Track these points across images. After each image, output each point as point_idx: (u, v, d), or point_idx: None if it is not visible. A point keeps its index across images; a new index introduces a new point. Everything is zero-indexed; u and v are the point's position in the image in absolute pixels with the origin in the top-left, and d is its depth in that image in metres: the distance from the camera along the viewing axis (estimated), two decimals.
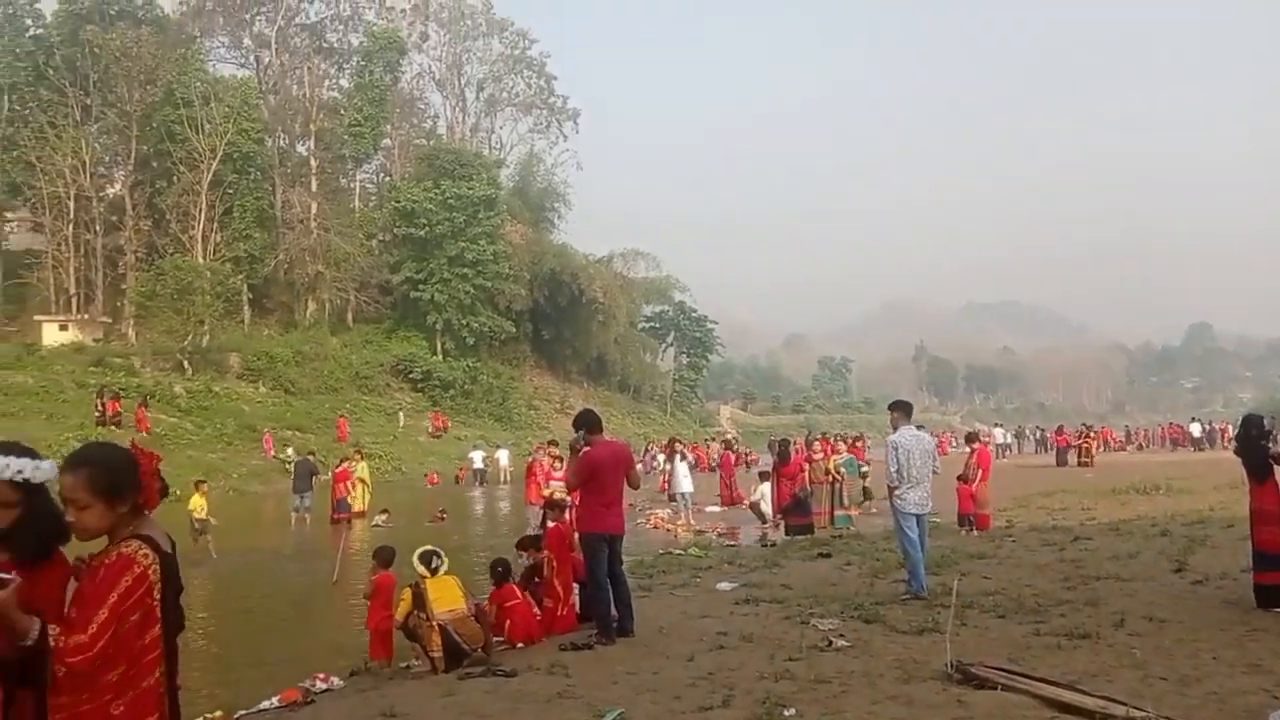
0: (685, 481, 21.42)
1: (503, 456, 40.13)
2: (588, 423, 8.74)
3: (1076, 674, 6.47)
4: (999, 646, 7.46)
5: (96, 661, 2.86)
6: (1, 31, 50.54)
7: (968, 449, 18.48)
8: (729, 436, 53.91)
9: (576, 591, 9.45)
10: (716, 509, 23.40)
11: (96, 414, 34.48)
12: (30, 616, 2.84)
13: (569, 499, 12.63)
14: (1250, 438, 8.87)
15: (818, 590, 10.51)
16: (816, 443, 23.07)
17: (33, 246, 54.70)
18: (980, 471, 16.62)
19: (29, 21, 52.54)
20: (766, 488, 19.35)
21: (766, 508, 19.06)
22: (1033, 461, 42.60)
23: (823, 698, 6.20)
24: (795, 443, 22.67)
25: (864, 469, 23.27)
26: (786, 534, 17.23)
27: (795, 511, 17.58)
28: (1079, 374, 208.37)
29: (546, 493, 15.57)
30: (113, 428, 33.62)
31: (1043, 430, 63.44)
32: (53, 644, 2.82)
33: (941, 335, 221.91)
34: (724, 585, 11.28)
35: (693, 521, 20.27)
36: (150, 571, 2.98)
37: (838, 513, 18.70)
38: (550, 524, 9.87)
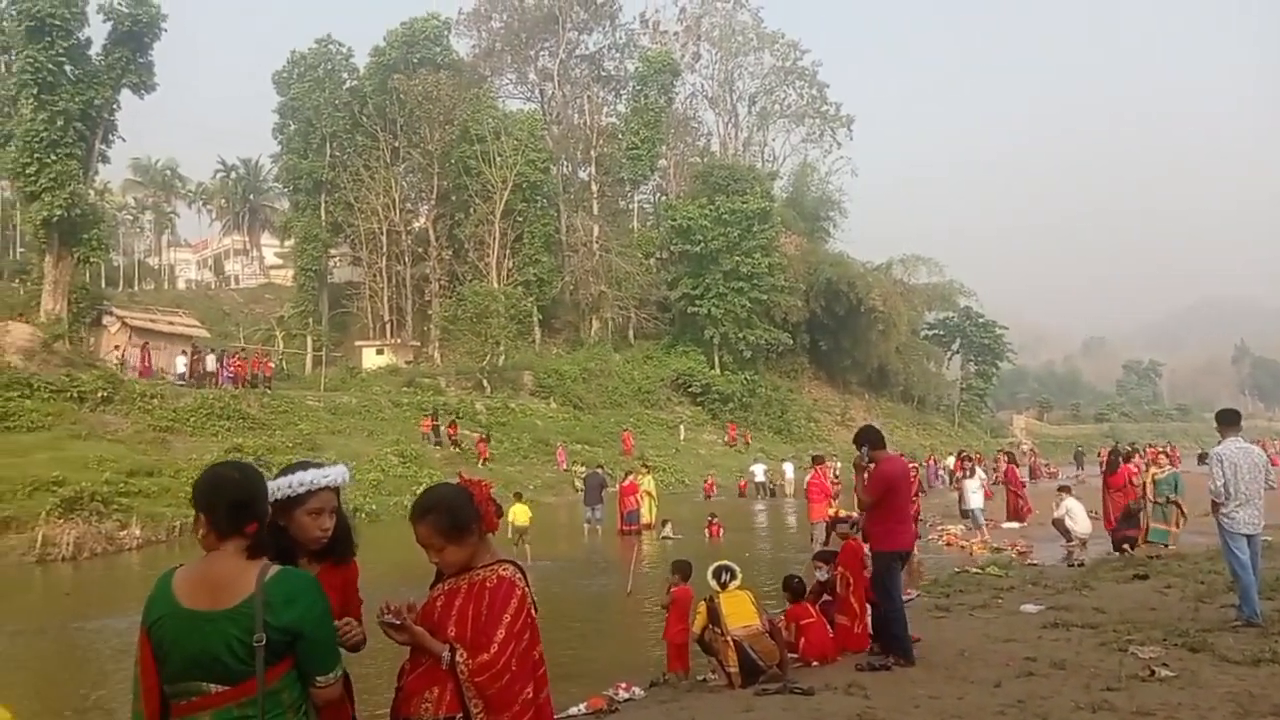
0: (975, 497, 20.48)
1: (788, 469, 39.89)
2: (870, 438, 8.49)
3: None
4: None
5: (502, 678, 3.08)
6: (323, 86, 56.22)
7: None
8: (1025, 447, 51.15)
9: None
10: (1015, 525, 22.17)
11: (433, 439, 37.36)
12: (441, 642, 3.13)
13: (855, 514, 12.43)
14: None
15: (1135, 615, 9.72)
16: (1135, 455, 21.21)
17: (352, 279, 60.67)
18: None
19: (345, 75, 58.20)
20: (1072, 503, 18.12)
21: (1072, 524, 17.85)
22: None
23: None
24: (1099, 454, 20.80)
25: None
26: (1115, 549, 16.24)
27: (1127, 524, 16.48)
28: None
29: (832, 511, 15.34)
30: (451, 448, 36.94)
31: None
32: (461, 666, 3.08)
33: (1267, 334, 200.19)
34: (1029, 607, 10.64)
35: (988, 538, 19.32)
36: (529, 592, 3.25)
37: (1155, 526, 17.21)
38: (842, 540, 9.70)
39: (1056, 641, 8.71)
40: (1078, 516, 17.86)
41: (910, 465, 17.46)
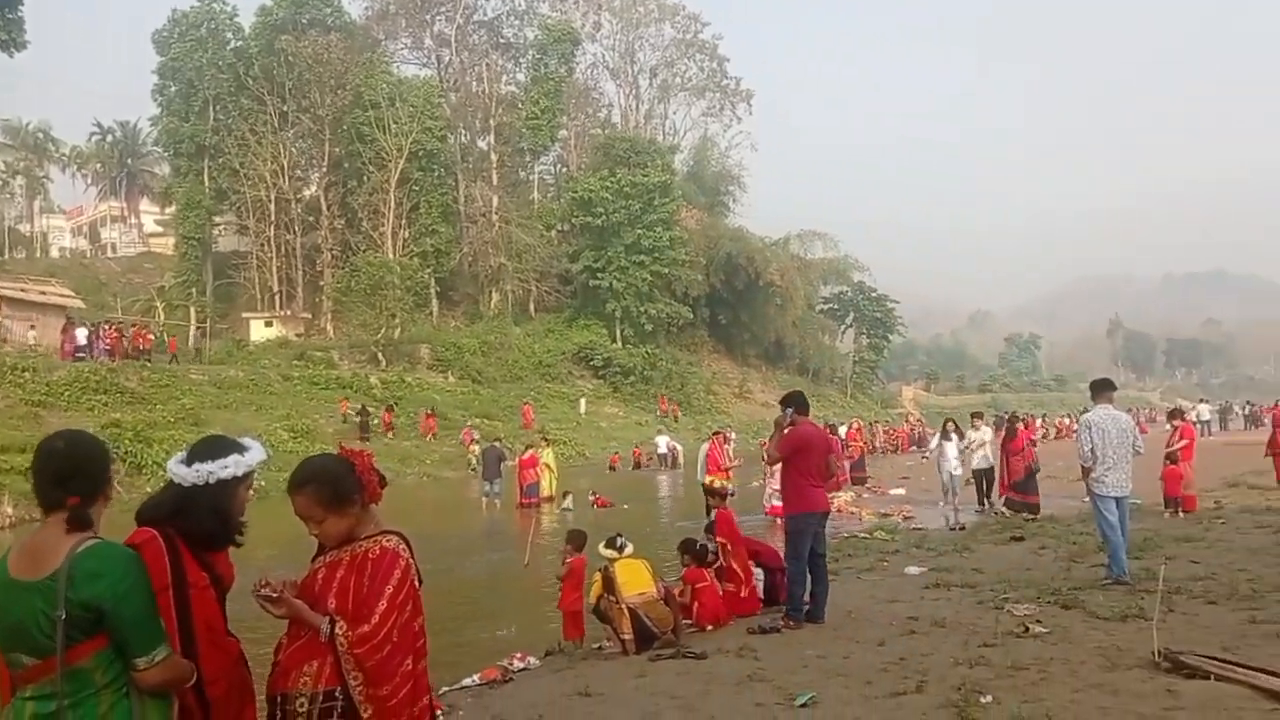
0: (956, 463, 20.26)
1: (664, 441, 39.75)
2: (797, 402, 8.70)
3: None
4: (1211, 635, 6.98)
5: (382, 649, 3.02)
6: (205, 46, 54.00)
7: (1169, 427, 17.24)
8: (913, 417, 52.39)
9: (763, 576, 9.45)
10: (901, 491, 22.80)
11: (354, 419, 35.93)
12: (320, 615, 3.05)
13: (730, 486, 12.81)
14: None
15: (1011, 575, 10.13)
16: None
17: (238, 248, 58.82)
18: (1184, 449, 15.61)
19: (229, 35, 56.00)
20: (974, 434, 18.56)
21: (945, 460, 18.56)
22: (1242, 439, 39.51)
23: (1021, 685, 5.96)
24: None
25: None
26: (1007, 507, 16.94)
27: (1027, 488, 17.16)
28: None
29: (705, 480, 14.96)
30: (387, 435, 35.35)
31: (1252, 405, 59.16)
32: (340, 638, 3.00)
33: (1139, 308, 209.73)
34: (912, 569, 11.05)
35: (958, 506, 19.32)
36: (412, 563, 3.19)
37: None
38: (715, 510, 9.88)
39: (937, 601, 9.03)
40: (955, 455, 18.40)
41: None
